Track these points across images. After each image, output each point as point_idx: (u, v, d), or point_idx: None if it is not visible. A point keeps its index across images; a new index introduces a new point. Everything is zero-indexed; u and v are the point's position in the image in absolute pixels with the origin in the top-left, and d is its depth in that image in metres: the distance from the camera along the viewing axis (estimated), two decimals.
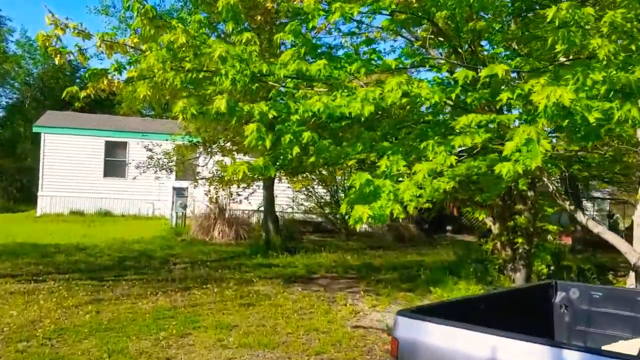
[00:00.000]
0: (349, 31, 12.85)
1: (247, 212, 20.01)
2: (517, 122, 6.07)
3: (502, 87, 5.92)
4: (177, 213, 20.24)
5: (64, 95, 6.73)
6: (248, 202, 18.58)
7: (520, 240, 10.74)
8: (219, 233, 18.73)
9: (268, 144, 5.36)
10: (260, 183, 16.94)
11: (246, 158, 15.24)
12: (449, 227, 23.62)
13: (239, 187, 13.23)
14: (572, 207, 8.08)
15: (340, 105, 5.41)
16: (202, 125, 16.22)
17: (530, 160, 4.53)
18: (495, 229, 11.40)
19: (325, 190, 20.10)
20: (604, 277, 12.24)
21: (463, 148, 6.09)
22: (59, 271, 12.23)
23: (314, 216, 21.12)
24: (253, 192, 17.56)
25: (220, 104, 4.82)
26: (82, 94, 6.68)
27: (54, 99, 36.00)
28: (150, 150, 18.44)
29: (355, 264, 14.82)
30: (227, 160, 12.35)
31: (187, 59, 5.91)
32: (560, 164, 9.64)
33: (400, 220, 21.21)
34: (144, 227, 20.56)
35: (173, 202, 20.50)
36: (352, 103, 5.46)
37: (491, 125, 5.71)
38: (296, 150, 5.35)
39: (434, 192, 5.59)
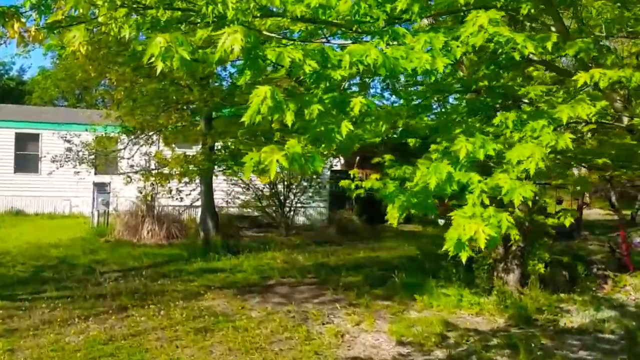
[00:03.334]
0: None
1: (178, 208, 17.30)
2: None
3: None
4: (98, 211, 17.22)
5: None
6: (180, 197, 15.88)
7: (517, 236, 8.90)
8: (148, 232, 15.94)
9: (289, 118, 3.07)
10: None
11: (180, 151, 12.70)
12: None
13: (180, 182, 10.72)
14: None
15: (405, 57, 3.20)
16: (128, 112, 13.52)
17: None
18: None
19: (263, 183, 17.72)
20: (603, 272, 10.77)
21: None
22: None
23: (249, 210, 18.68)
24: (195, 189, 14.90)
25: (234, 41, 2.50)
26: None
27: None
28: (68, 141, 15.36)
29: (308, 264, 12.62)
30: (167, 152, 9.82)
31: None
32: None
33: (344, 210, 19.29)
34: (61, 228, 17.36)
35: (94, 199, 17.41)
36: (416, 55, 3.26)
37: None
38: (346, 127, 3.10)
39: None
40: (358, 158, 9.46)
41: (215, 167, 9.97)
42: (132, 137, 15.15)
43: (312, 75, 3.18)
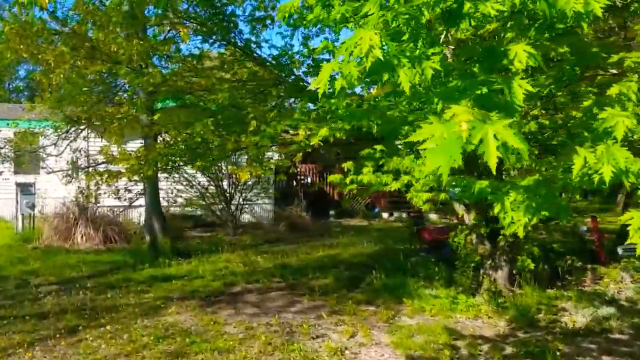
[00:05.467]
0: None
1: (114, 209, 15.69)
2: None
3: None
4: (23, 214, 15.33)
5: None
6: (114, 196, 14.27)
7: (508, 231, 8.20)
8: (82, 237, 14.28)
9: (405, 79, 2.06)
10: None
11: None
12: (332, 212, 21.00)
13: (130, 180, 9.30)
14: None
15: None
16: (55, 104, 11.91)
17: None
18: (470, 218, 8.78)
19: (207, 180, 16.37)
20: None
21: None
22: None
23: (190, 209, 17.27)
24: (144, 191, 13.32)
25: None
26: None
27: None
28: None
29: (269, 266, 11.51)
30: (114, 149, 8.42)
31: None
32: None
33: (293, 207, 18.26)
34: None
35: (17, 202, 15.47)
36: None
37: None
38: (520, 87, 2.11)
39: None
40: (301, 154, 8.56)
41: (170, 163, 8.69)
42: (62, 132, 13.52)
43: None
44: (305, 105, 7.65)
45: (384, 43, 2.24)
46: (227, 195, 16.29)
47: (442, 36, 2.75)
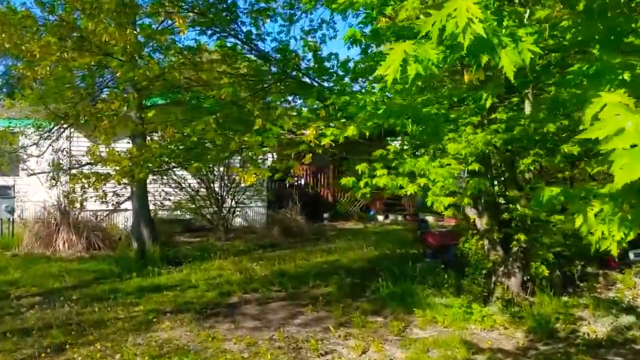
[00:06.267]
0: None
1: (98, 213, 14.99)
2: None
3: None
4: (1, 219, 14.57)
5: None
6: (101, 200, 13.57)
7: (522, 236, 7.75)
8: (64, 243, 13.60)
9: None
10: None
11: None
12: (326, 215, 20.47)
13: (119, 183, 8.62)
14: None
15: None
16: (36, 101, 11.23)
17: None
18: (482, 223, 8.29)
19: (198, 182, 15.74)
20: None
21: None
22: None
23: (179, 212, 16.60)
24: (131, 194, 12.63)
25: None
26: None
27: None
28: None
29: (266, 274, 10.94)
30: (102, 148, 7.76)
31: None
32: None
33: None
34: None
35: None
36: None
37: None
38: None
39: None
40: (310, 155, 8.03)
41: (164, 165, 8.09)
42: (44, 131, 12.85)
43: None
44: (313, 102, 7.11)
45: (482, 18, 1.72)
46: (219, 198, 15.68)
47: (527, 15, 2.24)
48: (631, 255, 10.81)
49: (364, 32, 6.37)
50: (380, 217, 21.33)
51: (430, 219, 18.05)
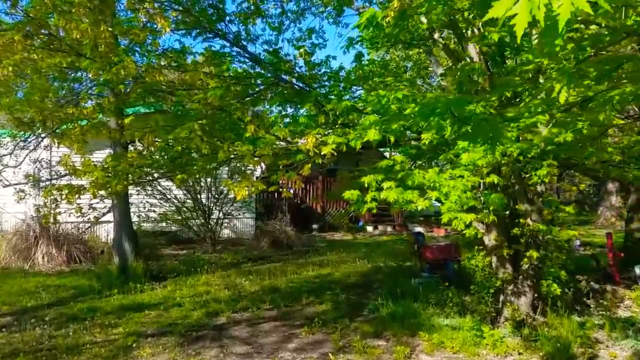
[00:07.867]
0: None
1: (79, 226, 14.24)
2: None
3: None
4: None
5: None
6: (79, 215, 12.80)
7: (534, 253, 7.15)
8: (43, 257, 12.90)
9: None
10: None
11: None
12: (315, 226, 19.83)
13: (95, 196, 7.92)
14: None
15: None
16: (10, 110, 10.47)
17: None
18: (490, 238, 7.68)
19: (184, 193, 15.02)
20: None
21: None
22: None
23: (164, 224, 15.87)
24: (112, 206, 11.86)
25: None
26: None
27: None
28: None
29: (256, 290, 10.26)
30: (77, 158, 7.07)
31: None
32: None
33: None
34: None
35: None
36: None
37: None
38: None
39: None
40: (309, 166, 7.41)
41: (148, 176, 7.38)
42: (20, 140, 12.11)
43: None
44: (311, 109, 6.48)
45: None
46: (206, 209, 14.98)
47: None
48: (637, 271, 10.30)
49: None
50: (370, 228, 20.75)
51: (418, 229, 17.50)
